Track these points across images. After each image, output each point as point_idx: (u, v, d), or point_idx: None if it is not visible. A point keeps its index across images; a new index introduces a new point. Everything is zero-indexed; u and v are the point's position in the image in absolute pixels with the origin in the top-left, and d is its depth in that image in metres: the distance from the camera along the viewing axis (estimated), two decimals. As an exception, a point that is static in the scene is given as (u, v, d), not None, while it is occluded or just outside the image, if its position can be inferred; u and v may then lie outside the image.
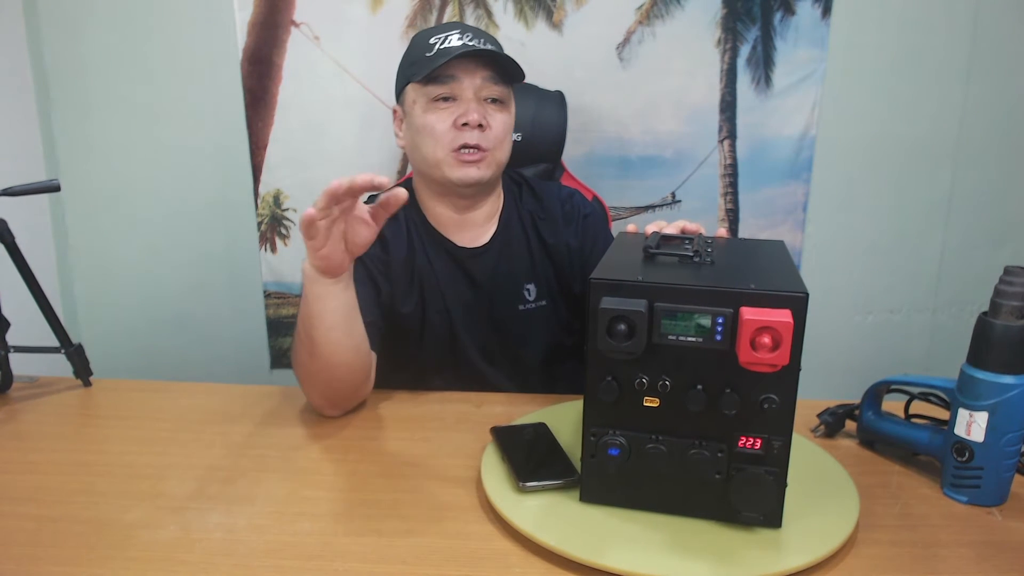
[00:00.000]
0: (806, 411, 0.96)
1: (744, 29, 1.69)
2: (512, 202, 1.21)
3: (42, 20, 1.73)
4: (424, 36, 1.10)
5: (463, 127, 1.07)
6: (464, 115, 1.07)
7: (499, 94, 1.10)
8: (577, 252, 1.20)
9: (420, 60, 1.08)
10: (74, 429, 1.03)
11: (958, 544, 0.74)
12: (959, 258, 1.84)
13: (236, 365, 1.93)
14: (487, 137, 1.08)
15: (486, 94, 1.09)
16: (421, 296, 1.15)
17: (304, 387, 1.01)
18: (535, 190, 1.24)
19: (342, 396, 1.01)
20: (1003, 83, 1.74)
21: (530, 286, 1.18)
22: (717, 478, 0.73)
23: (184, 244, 1.86)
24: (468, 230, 1.17)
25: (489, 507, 0.78)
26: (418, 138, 1.10)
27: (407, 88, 1.11)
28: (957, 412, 0.81)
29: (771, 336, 0.67)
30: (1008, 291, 0.77)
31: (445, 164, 1.09)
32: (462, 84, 1.07)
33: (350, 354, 0.97)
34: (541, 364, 1.21)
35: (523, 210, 1.21)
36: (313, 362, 0.96)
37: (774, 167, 1.77)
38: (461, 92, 1.07)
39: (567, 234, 1.20)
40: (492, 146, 1.10)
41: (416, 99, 1.09)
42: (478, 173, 1.09)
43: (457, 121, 1.07)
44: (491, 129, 1.09)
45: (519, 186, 1.23)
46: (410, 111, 1.11)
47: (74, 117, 1.79)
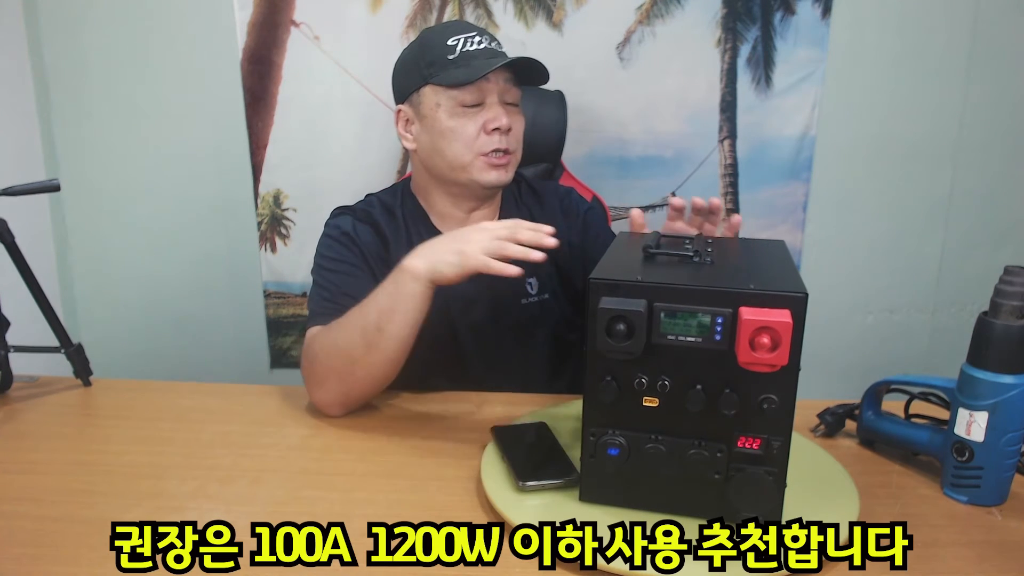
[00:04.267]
0: (806, 411, 0.96)
1: (744, 29, 1.69)
2: (512, 200, 1.22)
3: (42, 20, 1.73)
4: (439, 36, 1.09)
5: (492, 132, 1.08)
6: (494, 120, 1.07)
7: (517, 97, 1.12)
8: (579, 248, 1.20)
9: (442, 61, 1.06)
10: (74, 429, 1.03)
11: (958, 544, 0.74)
12: (959, 258, 1.84)
13: (236, 365, 1.93)
14: (511, 140, 1.10)
15: (508, 98, 1.10)
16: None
17: (327, 381, 1.00)
18: (534, 188, 1.25)
19: (365, 395, 1.02)
20: (1003, 83, 1.74)
21: (532, 280, 1.19)
22: (716, 478, 0.73)
23: (184, 244, 1.86)
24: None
25: (489, 507, 0.78)
26: (442, 142, 1.09)
27: (424, 89, 1.09)
28: (957, 412, 0.81)
29: (770, 336, 0.67)
30: (1008, 291, 0.77)
31: (474, 168, 1.09)
32: (490, 87, 1.08)
33: (404, 356, 0.98)
34: (544, 360, 1.21)
35: (522, 206, 1.22)
36: (369, 355, 0.96)
37: (774, 167, 1.77)
38: (487, 95, 1.08)
39: (567, 230, 1.20)
40: (515, 148, 1.12)
41: (440, 102, 1.08)
42: (505, 176, 1.11)
43: (487, 126, 1.07)
44: (513, 132, 1.10)
45: (518, 185, 1.24)
46: (430, 114, 1.09)
47: (74, 117, 1.79)
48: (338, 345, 0.98)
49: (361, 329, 0.96)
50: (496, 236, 0.88)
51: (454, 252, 0.90)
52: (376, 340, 0.95)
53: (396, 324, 0.94)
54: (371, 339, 0.95)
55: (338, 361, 0.98)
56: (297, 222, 1.83)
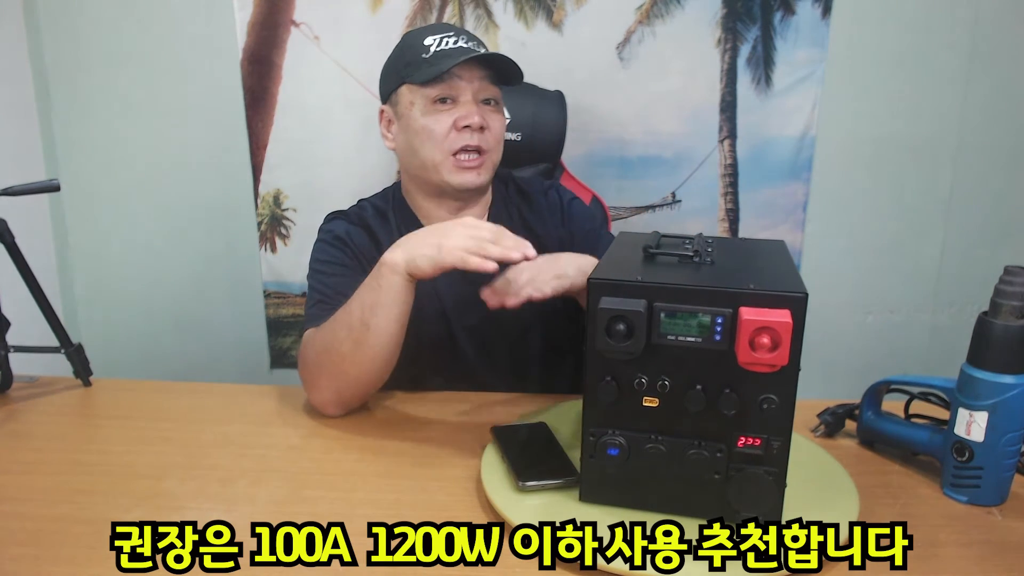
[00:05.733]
0: (806, 411, 0.96)
1: (744, 29, 1.69)
2: (501, 199, 1.22)
3: (42, 20, 1.73)
4: (417, 37, 1.10)
5: (463, 129, 1.07)
6: (465, 117, 1.07)
7: (495, 95, 1.11)
8: (567, 241, 1.20)
9: (416, 61, 1.08)
10: (74, 429, 1.03)
11: (958, 544, 0.74)
12: (959, 258, 1.84)
13: (236, 365, 1.93)
14: (486, 139, 1.09)
15: (484, 96, 1.10)
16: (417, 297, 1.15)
17: (321, 381, 1.00)
18: (520, 186, 1.25)
19: (360, 393, 1.02)
20: (1003, 83, 1.74)
21: None
22: (716, 478, 0.73)
23: (184, 244, 1.86)
24: None
25: (489, 507, 0.78)
26: (415, 140, 1.10)
27: (401, 89, 1.10)
28: (957, 412, 0.81)
29: (770, 336, 0.67)
30: (1008, 291, 0.77)
31: (443, 168, 1.09)
32: (462, 85, 1.07)
33: (395, 350, 0.98)
34: (540, 357, 1.21)
35: (511, 206, 1.22)
36: (357, 353, 0.95)
37: (774, 167, 1.77)
38: (460, 93, 1.08)
39: (553, 225, 1.21)
40: (491, 147, 1.11)
41: (414, 100, 1.09)
42: (477, 179, 1.11)
43: (458, 123, 1.07)
44: (489, 131, 1.10)
45: (506, 184, 1.24)
46: (406, 113, 1.10)
47: (74, 117, 1.79)
48: (327, 344, 0.99)
49: (347, 327, 0.96)
50: (478, 236, 0.88)
51: (432, 245, 0.90)
52: (362, 336, 0.95)
53: (380, 319, 0.94)
54: (357, 336, 0.95)
55: (328, 360, 0.98)
56: (297, 222, 1.83)
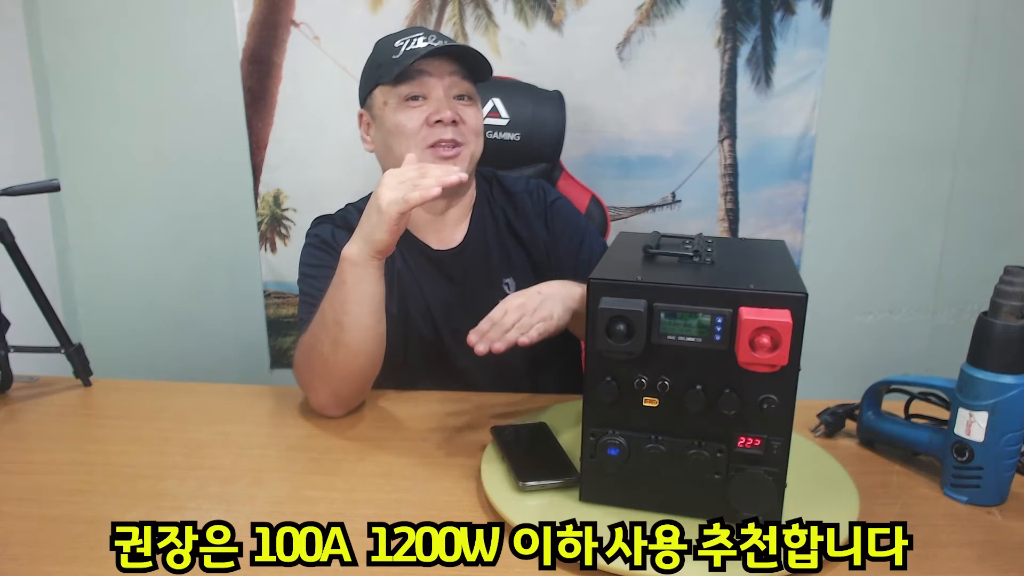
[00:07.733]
0: (806, 411, 0.96)
1: (744, 29, 1.69)
2: (484, 198, 1.21)
3: (42, 20, 1.73)
4: (388, 41, 1.11)
5: (436, 124, 1.08)
6: (436, 112, 1.07)
7: (467, 90, 1.12)
8: (551, 243, 1.20)
9: (387, 63, 1.08)
10: (74, 429, 1.03)
11: (958, 544, 0.74)
12: (959, 258, 1.84)
13: (236, 365, 1.93)
14: (461, 132, 1.09)
15: (456, 91, 1.10)
16: (403, 299, 1.15)
17: (314, 384, 1.01)
18: (504, 185, 1.24)
19: (355, 390, 1.02)
20: (1003, 83, 1.74)
21: (508, 280, 1.18)
22: (716, 478, 0.73)
23: (184, 244, 1.86)
24: (442, 230, 1.17)
25: (489, 507, 0.78)
26: (390, 139, 1.10)
27: (375, 91, 1.11)
28: (957, 412, 0.81)
29: (770, 336, 0.67)
30: (1008, 291, 0.77)
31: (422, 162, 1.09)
32: (432, 81, 1.08)
33: (376, 343, 0.98)
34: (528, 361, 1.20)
35: (495, 206, 1.21)
36: (338, 352, 0.96)
37: (774, 167, 1.77)
38: (431, 90, 1.08)
39: (538, 225, 1.20)
40: (467, 140, 1.11)
41: (386, 100, 1.10)
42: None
43: (430, 119, 1.08)
44: (465, 124, 1.10)
45: (490, 183, 1.24)
46: (380, 113, 1.11)
47: (74, 117, 1.79)
48: (311, 348, 0.99)
49: (323, 328, 0.97)
50: (404, 178, 0.89)
51: (373, 215, 0.91)
52: (339, 336, 0.95)
53: (352, 315, 0.94)
54: (334, 336, 0.95)
55: (316, 364, 0.99)
56: (297, 222, 1.83)
